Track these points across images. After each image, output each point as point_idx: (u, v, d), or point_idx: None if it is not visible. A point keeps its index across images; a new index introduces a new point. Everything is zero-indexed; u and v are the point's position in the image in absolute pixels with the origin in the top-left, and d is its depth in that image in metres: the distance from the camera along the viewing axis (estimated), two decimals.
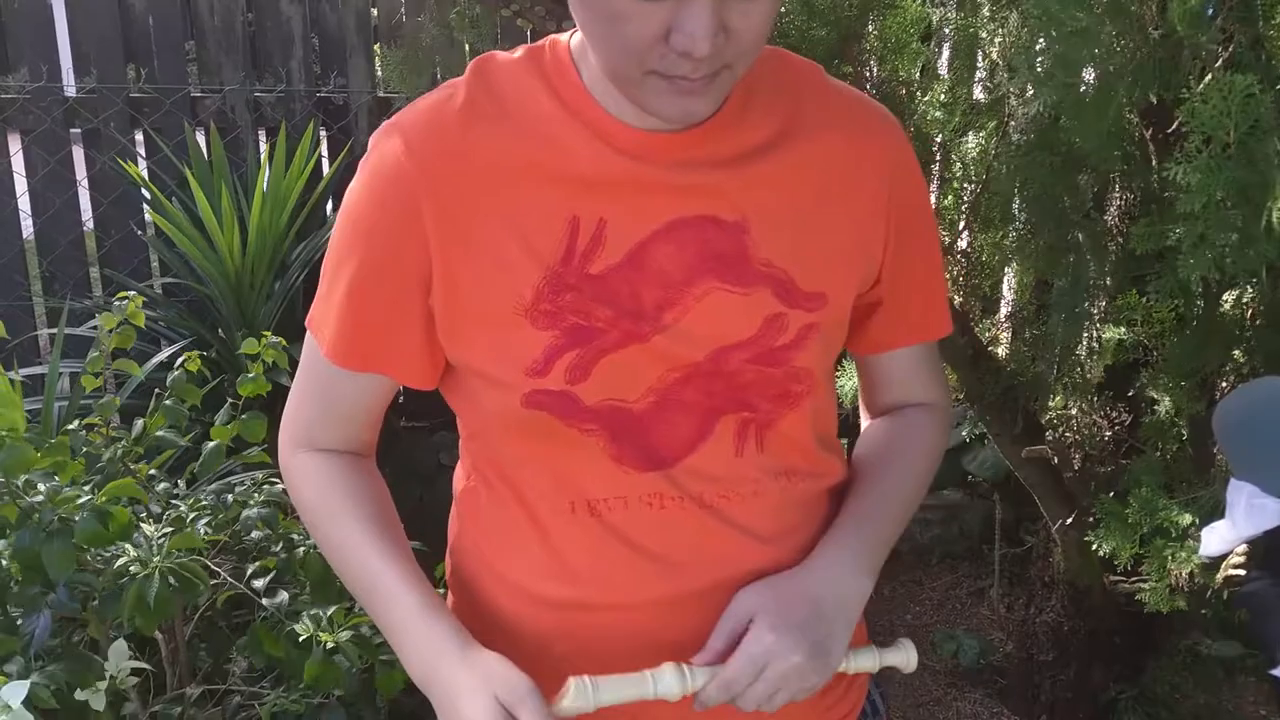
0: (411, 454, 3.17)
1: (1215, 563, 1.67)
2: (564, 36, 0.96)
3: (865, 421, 1.16)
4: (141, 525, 1.47)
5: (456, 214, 0.92)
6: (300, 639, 1.47)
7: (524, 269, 0.91)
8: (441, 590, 1.13)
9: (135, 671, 1.51)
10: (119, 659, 1.45)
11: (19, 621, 1.44)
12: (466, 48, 2.42)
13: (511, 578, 1.02)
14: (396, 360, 0.98)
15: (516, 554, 1.01)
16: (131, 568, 1.38)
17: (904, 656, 1.01)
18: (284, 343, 1.85)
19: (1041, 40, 1.69)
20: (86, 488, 1.48)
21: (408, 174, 0.92)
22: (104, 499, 1.42)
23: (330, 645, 1.44)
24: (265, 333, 1.84)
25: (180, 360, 1.80)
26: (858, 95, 1.03)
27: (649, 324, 0.92)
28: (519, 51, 0.96)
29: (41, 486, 1.49)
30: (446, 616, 0.96)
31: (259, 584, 1.59)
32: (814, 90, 1.00)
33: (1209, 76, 1.40)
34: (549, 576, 1.00)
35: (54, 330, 2.76)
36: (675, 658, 0.93)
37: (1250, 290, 1.74)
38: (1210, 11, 1.47)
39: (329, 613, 1.50)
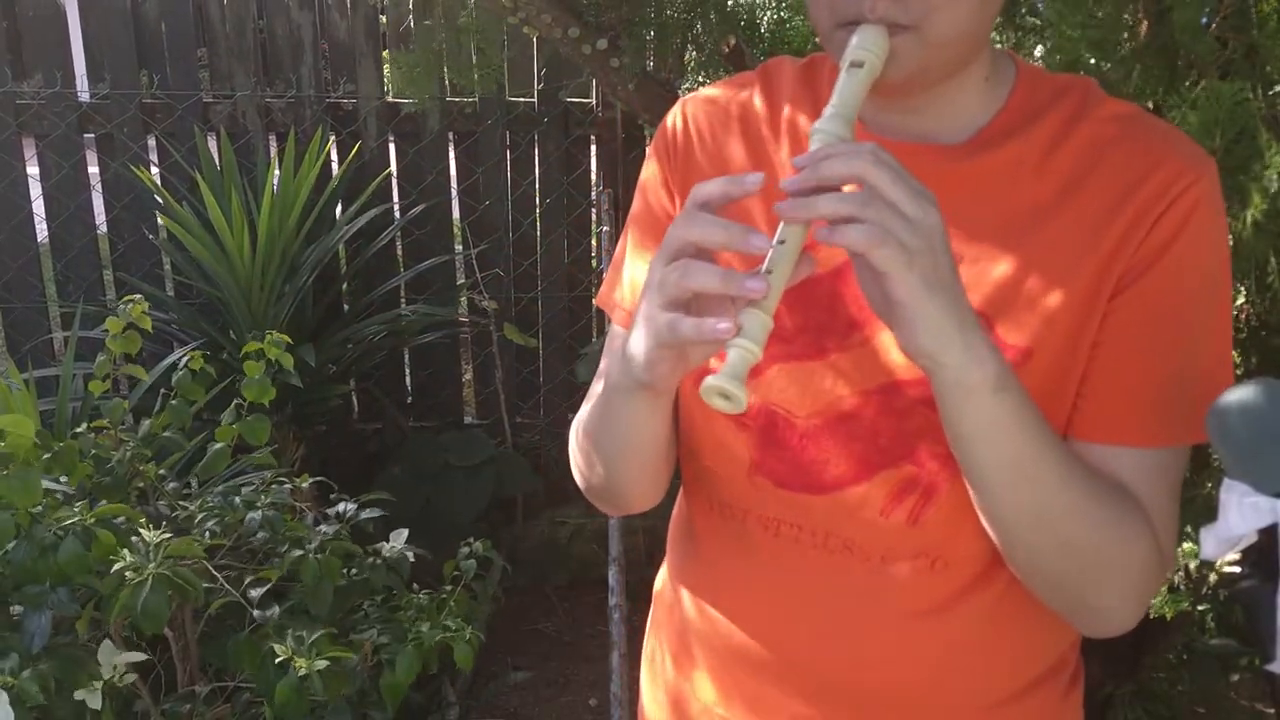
0: (419, 454, 3.19)
1: (1214, 563, 1.68)
2: None
3: None
4: (140, 531, 1.49)
5: (699, 171, 0.96)
6: (278, 659, 1.49)
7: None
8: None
9: (145, 669, 1.53)
10: (108, 658, 1.47)
11: (17, 618, 1.47)
12: (474, 56, 2.44)
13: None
14: None
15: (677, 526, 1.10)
16: (127, 573, 1.41)
17: None
18: (287, 339, 1.86)
19: (1040, 49, 1.71)
20: (78, 506, 1.50)
21: (677, 123, 1.00)
22: (93, 519, 1.45)
23: (303, 672, 1.46)
24: (269, 331, 1.86)
25: (184, 360, 1.83)
26: (1170, 134, 0.88)
27: (835, 340, 0.90)
28: (806, 59, 0.99)
29: (55, 488, 1.52)
30: None
31: (256, 593, 1.61)
32: (1114, 139, 0.87)
33: (1202, 84, 1.42)
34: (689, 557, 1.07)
35: (68, 333, 2.80)
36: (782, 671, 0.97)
37: (1244, 292, 1.76)
38: (1205, 20, 1.49)
39: (314, 637, 1.51)
